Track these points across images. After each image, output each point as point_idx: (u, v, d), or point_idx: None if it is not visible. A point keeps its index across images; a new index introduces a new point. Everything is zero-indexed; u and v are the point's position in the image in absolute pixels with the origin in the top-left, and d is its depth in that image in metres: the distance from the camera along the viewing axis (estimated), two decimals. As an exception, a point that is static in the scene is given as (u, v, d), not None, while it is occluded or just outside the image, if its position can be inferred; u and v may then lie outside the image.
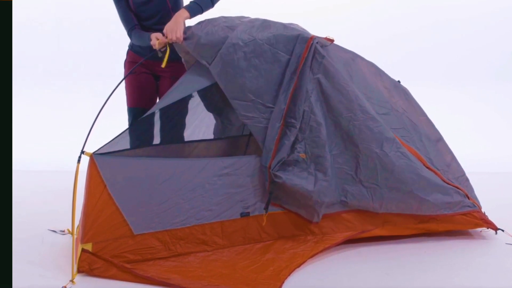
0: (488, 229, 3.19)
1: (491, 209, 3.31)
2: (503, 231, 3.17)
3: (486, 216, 3.18)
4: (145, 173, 2.61)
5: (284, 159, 2.78)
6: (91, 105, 3.30)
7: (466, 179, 3.24)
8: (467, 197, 3.11)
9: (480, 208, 3.19)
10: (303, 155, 2.81)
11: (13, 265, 2.40)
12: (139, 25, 3.19)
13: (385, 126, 2.90)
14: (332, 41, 2.89)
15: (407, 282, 2.57)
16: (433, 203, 2.97)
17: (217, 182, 2.75)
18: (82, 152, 2.55)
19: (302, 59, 2.77)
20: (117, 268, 2.51)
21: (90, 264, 2.50)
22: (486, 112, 6.40)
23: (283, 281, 2.48)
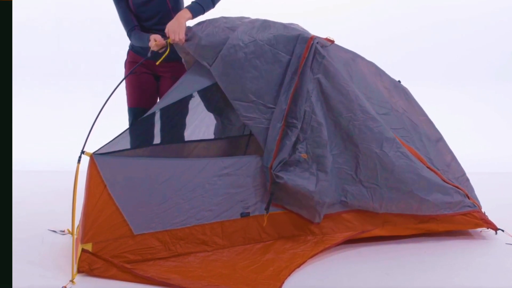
0: (488, 229, 3.19)
1: (491, 209, 3.31)
2: (503, 231, 3.17)
3: (486, 216, 3.18)
4: (145, 173, 2.61)
5: (286, 160, 2.78)
6: (91, 105, 3.30)
7: (466, 179, 3.24)
8: (467, 197, 3.11)
9: (480, 208, 3.19)
10: (304, 155, 2.81)
11: (13, 265, 2.40)
12: (139, 26, 3.19)
13: (385, 126, 2.90)
14: (332, 41, 2.89)
15: (407, 282, 2.57)
16: (433, 203, 2.97)
17: (217, 182, 2.74)
18: (82, 152, 2.54)
19: (302, 59, 2.77)
20: (117, 268, 2.51)
21: (90, 264, 2.50)
22: (486, 112, 6.40)
23: (283, 281, 2.48)
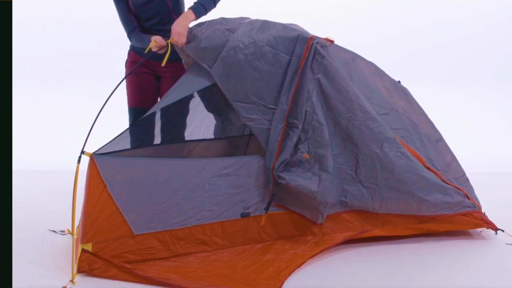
0: (488, 229, 3.19)
1: (491, 209, 3.31)
2: (503, 231, 3.17)
3: (486, 216, 3.17)
4: (145, 173, 2.61)
5: (288, 160, 2.78)
6: (91, 105, 3.30)
7: (466, 179, 3.24)
8: (467, 197, 3.10)
9: (480, 208, 3.19)
10: (306, 155, 2.81)
11: (13, 265, 2.40)
12: (139, 27, 3.19)
13: (385, 126, 2.90)
14: (332, 42, 2.89)
15: (407, 282, 2.57)
16: (433, 203, 2.97)
17: (217, 182, 2.74)
18: (82, 152, 2.54)
19: (302, 60, 2.77)
20: (117, 268, 2.51)
21: (90, 264, 2.50)
22: (486, 112, 6.40)
23: (283, 282, 2.48)
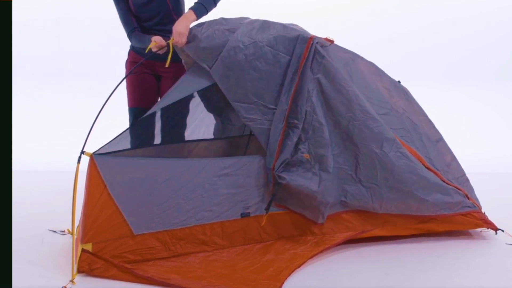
0: (488, 229, 3.19)
1: (491, 209, 3.31)
2: (503, 231, 3.17)
3: (486, 216, 3.17)
4: (145, 173, 2.61)
5: (288, 160, 2.78)
6: (91, 105, 3.30)
7: (466, 179, 3.24)
8: (467, 197, 3.10)
9: (480, 208, 3.19)
10: (306, 155, 2.81)
11: (13, 265, 2.40)
12: (139, 27, 3.19)
13: (385, 126, 2.90)
14: (332, 42, 2.89)
15: (407, 282, 2.57)
16: (433, 203, 2.97)
17: (217, 182, 2.74)
18: (82, 152, 2.54)
19: (302, 60, 2.77)
20: (117, 268, 2.51)
21: (90, 264, 2.50)
22: (486, 112, 6.40)
23: (283, 282, 2.48)
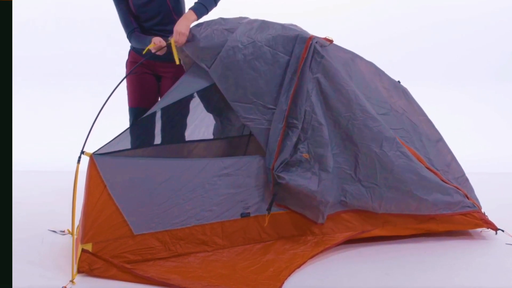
0: (488, 229, 3.19)
1: (491, 209, 3.31)
2: (503, 231, 3.17)
3: (486, 216, 3.17)
4: (145, 173, 2.61)
5: (287, 160, 2.78)
6: (91, 105, 3.30)
7: (466, 179, 3.24)
8: (467, 197, 3.10)
9: (480, 208, 3.19)
10: (306, 155, 2.81)
11: (13, 265, 2.40)
12: (138, 28, 3.19)
13: (385, 125, 2.90)
14: (331, 41, 2.88)
15: (407, 282, 2.57)
16: (432, 203, 2.97)
17: (217, 182, 2.74)
18: (82, 152, 2.54)
19: (301, 60, 2.77)
20: (117, 268, 2.51)
21: (90, 264, 2.50)
22: (486, 112, 6.40)
23: (283, 282, 2.48)
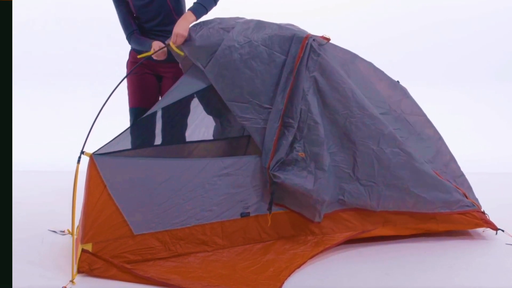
0: (487, 229, 3.19)
1: (491, 209, 3.30)
2: (503, 231, 3.17)
3: (486, 216, 3.17)
4: (145, 173, 2.61)
5: (283, 159, 2.78)
6: (91, 105, 3.30)
7: (464, 179, 3.23)
8: (466, 197, 3.10)
9: (480, 208, 3.18)
10: (302, 154, 2.81)
11: (13, 265, 2.40)
12: (138, 29, 3.20)
13: (383, 122, 2.90)
14: (328, 39, 2.88)
15: (407, 282, 2.57)
16: (430, 201, 2.96)
17: (217, 182, 2.74)
18: (82, 152, 2.54)
19: (297, 59, 2.77)
20: (117, 269, 2.51)
21: (90, 264, 2.50)
22: (486, 112, 6.40)
23: (283, 282, 2.48)
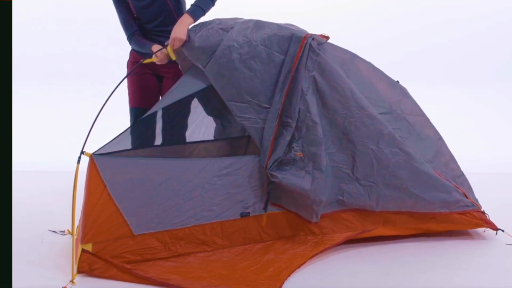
0: (487, 229, 3.18)
1: (491, 209, 3.30)
2: (503, 231, 3.16)
3: (486, 216, 3.17)
4: (145, 173, 2.61)
5: (281, 159, 2.78)
6: (91, 105, 3.30)
7: (464, 179, 3.24)
8: (466, 197, 3.10)
9: (480, 208, 3.18)
10: (300, 153, 2.81)
11: (13, 265, 2.40)
12: (139, 30, 3.20)
13: (382, 122, 2.90)
14: (327, 38, 2.88)
15: (407, 282, 2.57)
16: (429, 200, 2.96)
17: (217, 182, 2.74)
18: (82, 152, 2.54)
19: (296, 59, 2.77)
20: (117, 269, 2.51)
21: (90, 265, 2.50)
22: (486, 112, 6.40)
23: (283, 282, 2.48)
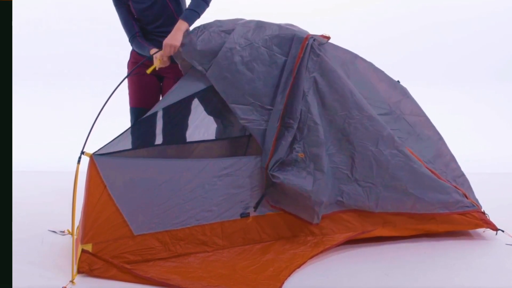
0: (487, 229, 3.18)
1: (491, 209, 3.30)
2: (503, 231, 3.16)
3: (486, 216, 3.17)
4: (145, 173, 2.61)
5: (283, 159, 2.78)
6: (91, 105, 3.30)
7: (465, 179, 3.23)
8: (466, 197, 3.10)
9: (480, 208, 3.18)
10: (301, 154, 2.81)
11: (13, 265, 2.40)
12: (140, 32, 3.21)
13: (382, 123, 2.90)
14: (328, 38, 2.89)
15: (407, 282, 2.56)
16: (429, 202, 2.96)
17: (217, 182, 2.75)
18: (82, 152, 2.55)
19: (297, 59, 2.77)
20: (117, 269, 2.51)
21: (90, 265, 2.50)
22: (486, 112, 6.41)
23: (283, 282, 2.48)
